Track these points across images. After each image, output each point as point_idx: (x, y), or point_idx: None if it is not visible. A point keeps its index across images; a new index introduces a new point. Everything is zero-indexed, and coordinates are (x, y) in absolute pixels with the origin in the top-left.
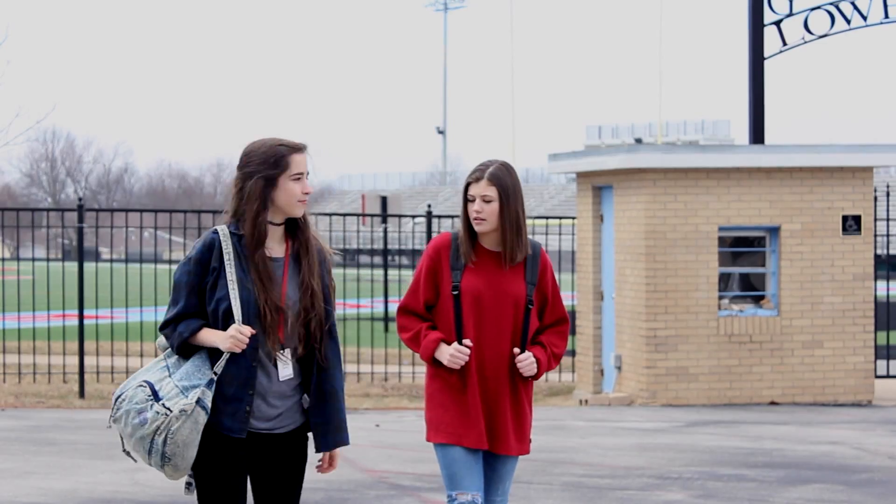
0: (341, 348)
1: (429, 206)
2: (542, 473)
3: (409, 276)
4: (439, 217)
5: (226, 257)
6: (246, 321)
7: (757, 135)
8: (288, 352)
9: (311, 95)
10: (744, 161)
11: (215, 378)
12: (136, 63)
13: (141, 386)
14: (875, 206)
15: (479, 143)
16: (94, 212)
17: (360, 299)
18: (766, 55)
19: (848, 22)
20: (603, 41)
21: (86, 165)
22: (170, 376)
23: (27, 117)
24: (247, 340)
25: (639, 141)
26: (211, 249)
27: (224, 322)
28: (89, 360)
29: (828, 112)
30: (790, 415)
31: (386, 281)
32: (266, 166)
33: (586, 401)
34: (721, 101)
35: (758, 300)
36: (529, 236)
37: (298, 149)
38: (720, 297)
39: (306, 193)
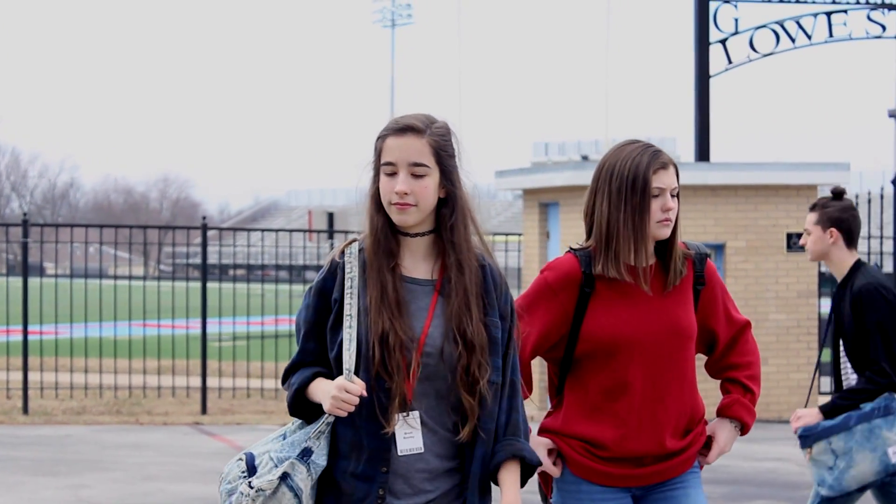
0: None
1: None
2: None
3: None
4: None
5: (348, 284)
6: (359, 369)
7: (702, 152)
8: (415, 416)
9: (259, 110)
10: (689, 178)
11: (313, 447)
12: (83, 78)
13: (239, 459)
14: None
15: None
16: (39, 227)
17: None
18: (711, 73)
19: (793, 41)
20: (550, 58)
21: (31, 180)
22: (281, 443)
23: None
24: (355, 400)
25: (585, 158)
26: (334, 275)
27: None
28: (33, 376)
29: (773, 130)
30: None
31: None
32: (375, 157)
33: (531, 417)
34: (667, 118)
35: None
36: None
37: (397, 131)
38: None
39: (398, 193)
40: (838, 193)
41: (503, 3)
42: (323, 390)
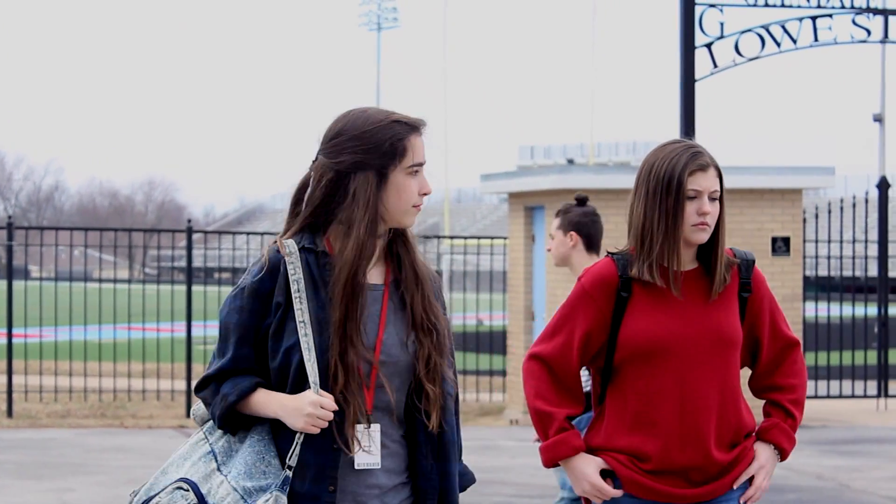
0: None
1: None
2: (473, 493)
3: None
4: None
5: (294, 287)
6: (327, 384)
7: None
8: (375, 429)
9: (244, 113)
10: None
11: (290, 474)
12: (68, 80)
13: (180, 489)
14: (804, 227)
15: None
16: (23, 230)
17: None
18: (696, 77)
19: (778, 45)
20: (536, 62)
21: (16, 183)
22: (219, 469)
23: None
24: (330, 416)
25: (571, 162)
26: (274, 276)
27: (296, 384)
28: (18, 380)
29: (758, 134)
30: None
31: None
32: (377, 153)
33: (517, 421)
34: (652, 122)
35: None
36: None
37: (418, 128)
38: None
39: (424, 195)
40: (581, 200)
41: (489, 7)
42: (283, 405)
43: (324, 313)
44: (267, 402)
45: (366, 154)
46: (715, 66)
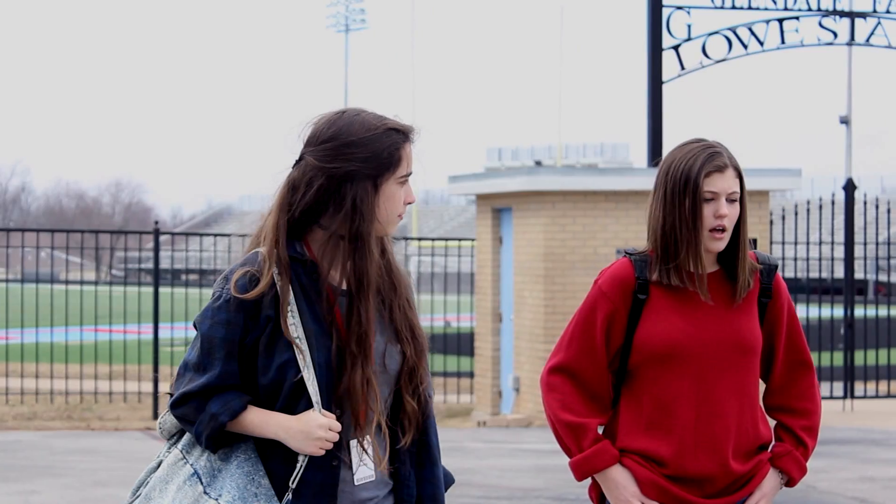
0: None
1: None
2: None
3: None
4: None
5: (283, 298)
6: (329, 403)
7: (655, 158)
8: (369, 442)
9: (212, 115)
10: (642, 184)
11: (291, 497)
12: (34, 81)
13: None
14: (771, 229)
15: None
16: None
17: None
18: (664, 79)
19: (745, 47)
20: (504, 64)
21: None
22: (206, 493)
23: None
24: (337, 438)
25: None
26: (263, 288)
27: (288, 401)
28: None
29: (725, 136)
30: None
31: None
32: (374, 163)
33: (485, 422)
34: (620, 124)
35: None
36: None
37: (409, 135)
38: None
39: (409, 203)
40: None
41: (457, 9)
42: (285, 427)
43: (318, 326)
44: (264, 423)
45: (362, 163)
46: (682, 68)
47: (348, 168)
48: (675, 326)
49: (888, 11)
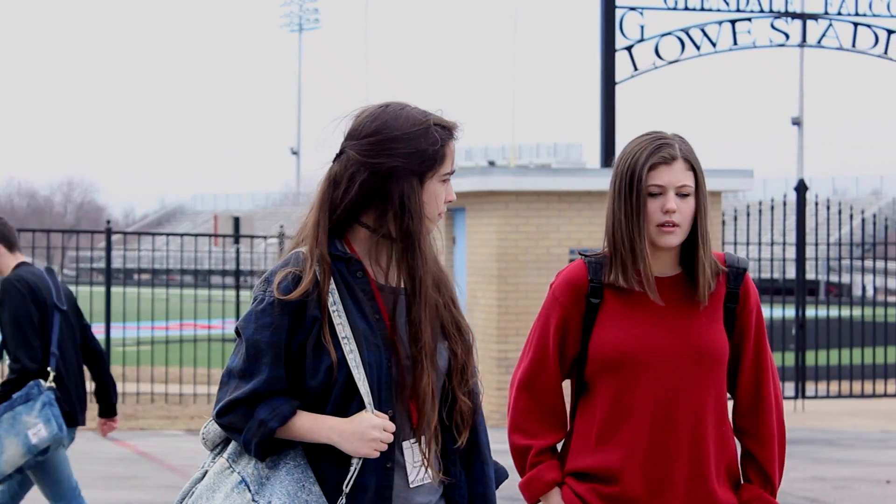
0: (193, 371)
1: (281, 226)
2: None
3: None
4: (291, 238)
5: (330, 300)
6: (381, 403)
7: (608, 158)
8: (423, 442)
9: (165, 114)
10: (595, 184)
11: (345, 502)
12: None
13: None
14: (723, 230)
15: None
16: None
17: (211, 320)
18: (617, 80)
19: (698, 48)
20: (457, 64)
21: None
22: (255, 500)
23: None
24: (391, 439)
25: (492, 164)
26: (306, 287)
27: (339, 404)
28: None
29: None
30: None
31: (238, 302)
32: (420, 159)
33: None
34: (573, 125)
35: None
36: None
37: (453, 132)
38: None
39: (449, 202)
40: None
41: (410, 9)
42: (338, 430)
43: (366, 325)
44: (315, 427)
45: (408, 159)
46: (635, 68)
47: (392, 164)
48: (629, 332)
49: (839, 13)
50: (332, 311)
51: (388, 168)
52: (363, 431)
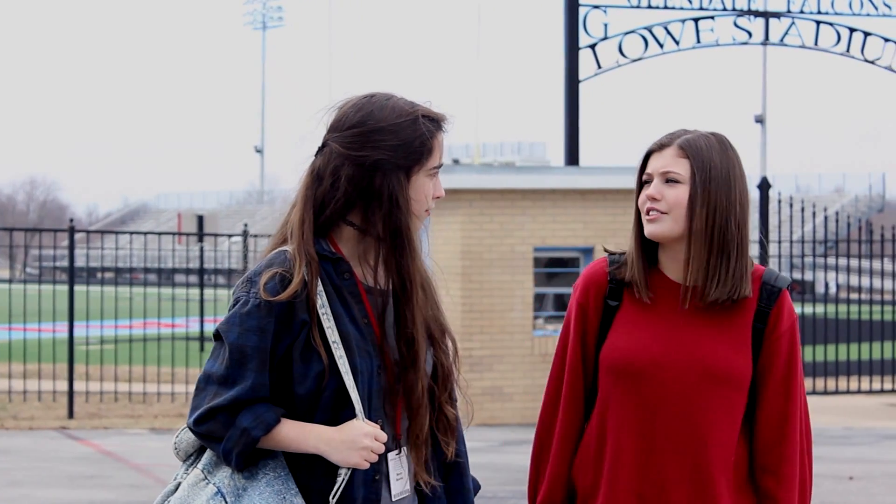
0: (157, 369)
1: (245, 225)
2: None
3: (225, 295)
4: (256, 236)
5: (318, 302)
6: (370, 411)
7: (572, 157)
8: (405, 453)
9: (128, 112)
10: (559, 182)
11: None
12: None
13: None
14: None
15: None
16: None
17: (174, 318)
18: (581, 78)
19: (661, 46)
20: (421, 62)
21: None
22: None
23: None
24: (383, 449)
25: (456, 161)
26: (295, 288)
27: (329, 411)
28: None
29: (642, 134)
30: None
31: (202, 300)
32: (406, 152)
33: None
34: (537, 123)
35: None
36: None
37: (442, 124)
38: (535, 317)
39: (437, 198)
40: None
41: (374, 7)
42: (326, 439)
43: (355, 330)
44: (301, 436)
45: (393, 151)
46: (599, 66)
47: (377, 157)
48: (637, 341)
49: (802, 11)
50: (320, 313)
51: (372, 161)
52: (354, 440)
